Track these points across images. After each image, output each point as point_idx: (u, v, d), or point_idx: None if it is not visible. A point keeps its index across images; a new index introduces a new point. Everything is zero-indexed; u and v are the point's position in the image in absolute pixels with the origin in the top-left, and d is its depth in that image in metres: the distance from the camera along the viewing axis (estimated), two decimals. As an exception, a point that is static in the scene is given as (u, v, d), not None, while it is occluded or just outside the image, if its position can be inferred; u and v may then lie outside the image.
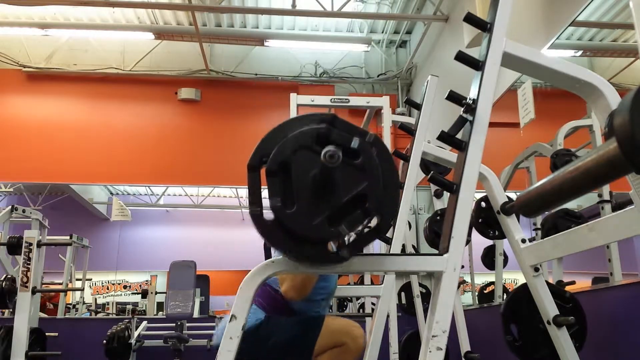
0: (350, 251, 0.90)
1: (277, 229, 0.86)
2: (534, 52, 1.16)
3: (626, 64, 3.17)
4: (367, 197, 0.88)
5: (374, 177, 0.89)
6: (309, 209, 0.86)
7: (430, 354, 0.91)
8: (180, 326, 4.41)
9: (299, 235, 0.86)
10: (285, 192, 0.87)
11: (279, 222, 0.86)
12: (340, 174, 0.87)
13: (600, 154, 0.93)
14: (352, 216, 0.87)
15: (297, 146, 0.88)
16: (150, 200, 9.87)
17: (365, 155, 0.89)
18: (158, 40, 5.56)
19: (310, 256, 0.89)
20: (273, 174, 0.87)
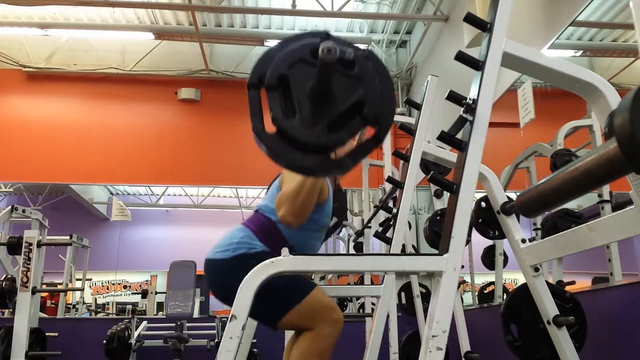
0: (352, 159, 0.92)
1: (279, 141, 0.88)
2: (534, 52, 1.16)
3: (626, 64, 3.17)
4: (364, 104, 0.90)
5: (370, 85, 0.91)
6: (309, 118, 0.89)
7: (430, 354, 0.91)
8: (180, 326, 4.41)
9: (301, 144, 0.88)
10: (286, 105, 0.89)
11: (281, 133, 0.88)
12: (337, 83, 0.90)
13: (600, 154, 0.93)
14: (351, 123, 0.90)
15: (294, 60, 0.90)
16: (150, 200, 9.87)
17: (361, 66, 0.92)
18: (158, 40, 5.56)
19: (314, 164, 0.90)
20: (272, 88, 0.89)
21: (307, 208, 1.58)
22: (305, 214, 1.58)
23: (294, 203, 1.56)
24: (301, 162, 0.89)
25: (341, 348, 1.71)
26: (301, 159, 0.89)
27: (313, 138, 0.88)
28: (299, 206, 1.56)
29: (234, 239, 1.66)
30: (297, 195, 1.55)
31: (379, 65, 0.93)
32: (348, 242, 6.99)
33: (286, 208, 1.58)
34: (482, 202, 1.99)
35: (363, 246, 3.48)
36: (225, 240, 1.67)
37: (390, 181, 2.23)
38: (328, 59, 0.82)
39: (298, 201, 1.55)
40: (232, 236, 1.67)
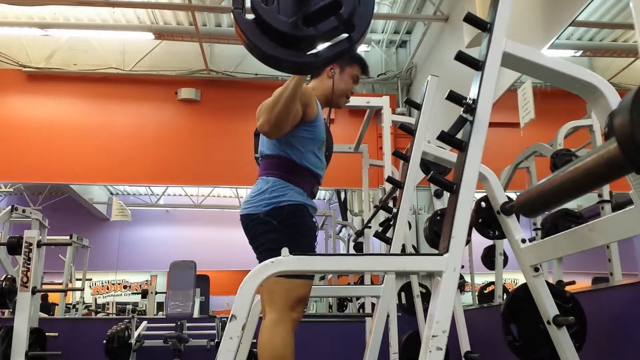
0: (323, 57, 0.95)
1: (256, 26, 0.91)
2: (534, 52, 1.16)
3: (626, 64, 3.17)
4: (341, 5, 0.93)
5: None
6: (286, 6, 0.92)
7: (430, 354, 0.91)
8: (180, 326, 4.41)
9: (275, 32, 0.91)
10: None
11: (258, 20, 0.91)
12: None
13: (600, 154, 0.93)
14: (326, 21, 0.93)
15: None
16: (150, 200, 9.87)
17: None
18: (158, 40, 5.56)
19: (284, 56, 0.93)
20: None
21: (283, 118, 1.61)
22: (282, 124, 1.62)
23: (270, 113, 1.61)
24: (272, 52, 0.92)
25: (341, 347, 1.71)
26: (273, 49, 0.91)
27: (287, 27, 0.91)
28: (276, 115, 1.60)
29: (265, 192, 1.73)
30: (274, 106, 1.60)
31: None
32: (348, 242, 6.98)
33: (263, 118, 1.63)
34: (482, 202, 1.99)
35: (363, 246, 3.48)
36: (256, 194, 1.75)
37: (390, 181, 2.23)
38: None
39: (275, 111, 1.59)
40: (262, 189, 1.74)
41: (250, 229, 1.76)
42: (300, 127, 1.74)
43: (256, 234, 1.73)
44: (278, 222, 1.67)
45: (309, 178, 1.78)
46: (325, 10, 0.93)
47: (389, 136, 2.96)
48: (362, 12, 0.95)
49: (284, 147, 1.76)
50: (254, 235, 1.75)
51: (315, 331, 3.99)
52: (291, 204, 1.70)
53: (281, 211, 1.68)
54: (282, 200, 1.70)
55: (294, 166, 1.76)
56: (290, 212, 1.69)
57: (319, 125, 1.80)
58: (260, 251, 1.72)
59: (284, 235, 1.66)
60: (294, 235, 1.67)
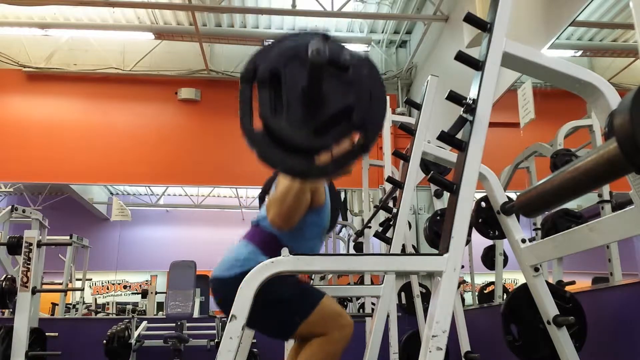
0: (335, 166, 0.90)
1: (265, 139, 0.88)
2: (534, 52, 1.16)
3: (626, 64, 3.17)
4: (353, 110, 0.88)
5: (361, 91, 0.89)
6: (297, 119, 0.87)
7: (430, 354, 0.91)
8: (180, 326, 4.41)
9: (286, 144, 0.87)
10: (275, 102, 0.88)
11: (267, 131, 0.87)
12: (329, 86, 0.87)
13: (600, 154, 0.93)
14: (338, 128, 0.88)
15: (289, 57, 0.89)
16: (150, 200, 9.87)
17: (355, 70, 0.90)
18: (158, 40, 5.56)
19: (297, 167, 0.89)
20: (264, 84, 0.88)
21: (294, 211, 1.57)
22: (293, 217, 1.58)
23: (281, 206, 1.56)
24: (284, 163, 0.88)
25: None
26: (285, 160, 0.88)
27: (298, 140, 0.86)
28: (286, 209, 1.55)
29: (240, 255, 1.65)
30: (284, 199, 1.55)
31: (373, 71, 0.91)
32: (348, 242, 6.98)
33: (274, 211, 1.58)
34: (482, 202, 1.99)
35: (363, 246, 3.48)
36: (231, 258, 1.66)
37: (390, 181, 2.23)
38: (317, 60, 0.80)
39: (285, 204, 1.55)
40: (238, 253, 1.66)
41: (221, 293, 1.66)
42: (307, 212, 1.66)
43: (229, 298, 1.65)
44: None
45: None
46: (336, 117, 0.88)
47: (389, 136, 2.96)
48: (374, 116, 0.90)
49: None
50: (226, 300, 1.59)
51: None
52: None
53: None
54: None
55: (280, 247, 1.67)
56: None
57: (324, 212, 1.75)
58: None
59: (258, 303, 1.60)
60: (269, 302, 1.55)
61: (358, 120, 0.88)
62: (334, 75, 0.87)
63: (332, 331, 1.58)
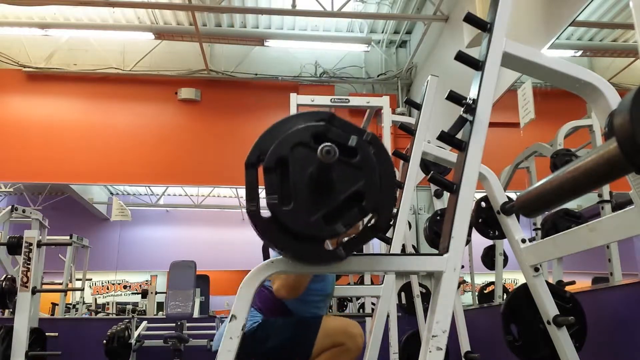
0: (347, 250, 0.89)
1: (273, 226, 0.86)
2: (534, 52, 1.16)
3: (626, 64, 3.17)
4: (364, 195, 0.87)
5: (371, 175, 0.88)
6: (305, 206, 0.86)
7: (430, 354, 0.91)
8: (180, 326, 4.41)
9: (295, 232, 0.85)
10: (282, 189, 0.86)
11: (275, 219, 0.85)
12: (337, 172, 0.86)
13: (600, 154, 0.93)
14: (348, 214, 0.87)
15: (295, 143, 0.87)
16: (150, 200, 9.87)
17: (363, 154, 0.89)
18: (158, 40, 5.56)
19: (307, 254, 0.88)
20: (270, 171, 0.87)
21: (301, 283, 1.56)
22: (299, 288, 1.57)
23: (286, 278, 1.54)
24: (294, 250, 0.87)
25: (341, 348, 1.72)
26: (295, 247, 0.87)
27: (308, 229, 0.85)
28: (292, 281, 1.54)
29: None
30: None
31: (380, 151, 0.90)
32: (348, 242, 6.95)
33: (279, 283, 1.57)
34: (482, 202, 1.99)
35: (363, 246, 3.47)
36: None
37: (390, 181, 2.22)
38: (327, 160, 0.79)
39: (291, 276, 1.54)
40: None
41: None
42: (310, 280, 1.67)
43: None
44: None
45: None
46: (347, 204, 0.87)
47: (389, 136, 2.96)
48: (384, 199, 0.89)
49: None
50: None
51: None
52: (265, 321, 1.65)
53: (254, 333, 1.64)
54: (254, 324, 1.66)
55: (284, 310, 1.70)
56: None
57: (329, 280, 1.77)
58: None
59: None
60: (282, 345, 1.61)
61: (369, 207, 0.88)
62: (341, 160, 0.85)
63: (344, 340, 1.59)
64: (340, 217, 0.87)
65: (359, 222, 0.89)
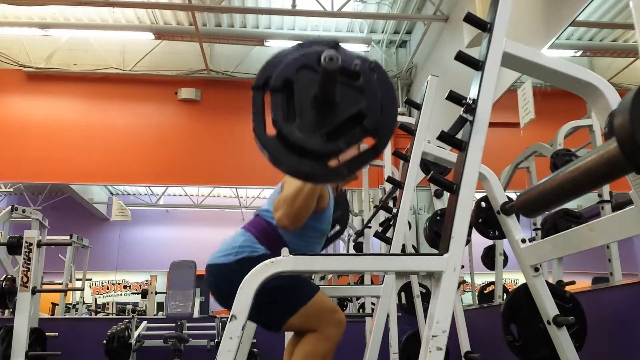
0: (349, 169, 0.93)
1: (278, 143, 0.90)
2: (534, 52, 1.16)
3: (626, 64, 3.17)
4: (365, 116, 0.91)
5: (373, 97, 0.92)
6: (309, 124, 0.90)
7: (430, 354, 0.91)
8: (180, 326, 4.41)
9: (299, 148, 0.89)
10: (288, 109, 0.90)
11: (280, 136, 0.89)
12: (341, 94, 0.91)
13: (600, 154, 0.93)
14: (350, 133, 0.91)
15: (300, 65, 0.91)
16: (150, 200, 9.87)
17: (366, 77, 0.92)
18: (158, 40, 5.56)
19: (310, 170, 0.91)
20: (276, 92, 0.90)
21: (303, 213, 1.58)
22: (301, 218, 1.59)
23: (290, 207, 1.57)
24: (298, 167, 0.90)
25: (341, 348, 1.71)
26: (298, 164, 0.90)
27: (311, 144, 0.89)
28: (295, 210, 1.56)
29: (236, 242, 1.67)
30: (294, 200, 1.56)
31: (383, 78, 0.94)
32: (348, 242, 6.98)
33: (282, 211, 1.59)
34: (482, 202, 1.99)
35: (363, 246, 3.48)
36: (227, 245, 1.69)
37: (390, 181, 2.23)
38: (330, 67, 0.83)
39: (295, 205, 1.56)
40: (234, 240, 1.68)
41: (217, 280, 1.67)
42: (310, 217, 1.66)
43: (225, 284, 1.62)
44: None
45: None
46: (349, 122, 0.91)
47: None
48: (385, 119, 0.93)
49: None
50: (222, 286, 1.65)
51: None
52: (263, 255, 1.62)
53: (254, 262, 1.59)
54: (255, 252, 1.63)
55: (278, 240, 1.68)
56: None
57: (325, 216, 1.76)
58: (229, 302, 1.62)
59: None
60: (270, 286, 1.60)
61: (370, 126, 0.91)
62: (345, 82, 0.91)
63: (327, 327, 1.58)
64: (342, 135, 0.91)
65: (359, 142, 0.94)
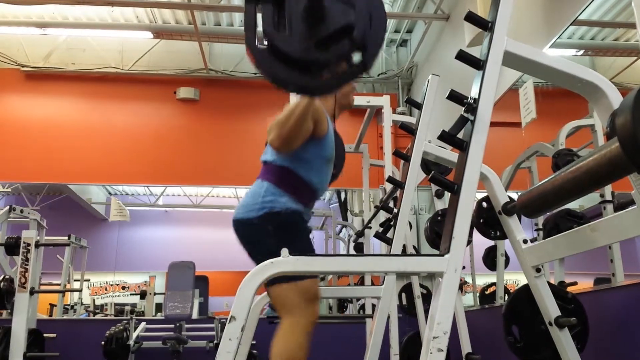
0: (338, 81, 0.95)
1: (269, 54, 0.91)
2: (536, 51, 1.15)
3: (628, 63, 3.17)
4: (354, 28, 0.93)
5: (361, 10, 0.94)
6: (299, 34, 0.92)
7: (431, 355, 0.90)
8: (179, 327, 4.40)
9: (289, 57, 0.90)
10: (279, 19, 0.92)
11: (270, 47, 0.91)
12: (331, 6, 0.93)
13: (602, 154, 0.92)
14: (339, 45, 0.93)
15: None
16: (148, 200, 9.85)
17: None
18: (157, 40, 5.55)
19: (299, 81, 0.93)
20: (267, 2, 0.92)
21: (294, 134, 1.61)
22: (292, 140, 1.62)
23: (282, 128, 1.60)
24: (286, 77, 0.92)
25: (342, 349, 1.70)
26: (287, 74, 0.91)
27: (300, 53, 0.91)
28: (287, 131, 1.59)
29: (258, 196, 1.70)
30: (286, 121, 1.59)
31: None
32: (348, 243, 6.97)
33: (275, 133, 1.62)
34: (484, 203, 1.98)
35: (363, 247, 3.47)
36: (249, 199, 1.71)
37: (390, 181, 2.22)
38: None
39: (286, 126, 1.59)
40: (255, 194, 1.71)
41: (243, 234, 1.73)
42: (309, 142, 1.71)
43: (250, 239, 1.70)
44: (273, 227, 1.65)
45: (307, 192, 1.75)
46: (337, 34, 0.93)
47: (390, 136, 2.95)
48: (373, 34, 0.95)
49: (288, 159, 1.72)
50: (248, 241, 1.72)
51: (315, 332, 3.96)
52: (285, 209, 1.67)
53: (276, 216, 1.65)
54: (276, 206, 1.67)
55: (294, 178, 1.72)
56: (285, 217, 1.66)
57: (328, 142, 1.78)
58: (256, 256, 1.68)
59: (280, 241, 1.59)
60: (291, 240, 1.63)
61: (358, 38, 0.93)
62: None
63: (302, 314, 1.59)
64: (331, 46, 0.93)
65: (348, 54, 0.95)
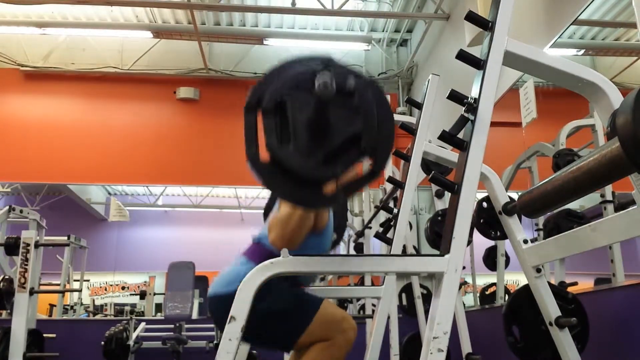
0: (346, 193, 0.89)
1: (273, 169, 0.85)
2: (536, 50, 1.15)
3: (629, 63, 3.16)
4: (361, 137, 0.87)
5: (368, 117, 0.88)
6: (304, 148, 0.86)
7: (431, 356, 0.90)
8: (178, 327, 4.40)
9: (294, 174, 0.85)
10: (282, 132, 0.86)
11: (275, 162, 0.85)
12: (336, 114, 0.86)
13: (602, 154, 0.92)
14: (347, 156, 0.87)
15: (294, 86, 0.87)
16: (148, 200, 9.85)
17: (361, 96, 0.88)
18: (156, 39, 5.54)
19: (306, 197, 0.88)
20: (269, 114, 0.87)
21: (297, 235, 1.51)
22: (296, 240, 1.52)
23: (284, 229, 1.50)
24: (293, 194, 0.87)
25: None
26: (294, 191, 0.86)
27: (307, 170, 0.85)
28: (289, 233, 1.50)
29: (240, 272, 1.60)
30: (288, 221, 1.49)
31: (378, 94, 0.90)
32: (348, 243, 6.97)
33: (276, 233, 1.52)
34: (484, 203, 1.97)
35: (363, 247, 3.47)
36: (231, 275, 1.62)
37: (390, 181, 2.22)
38: (324, 94, 0.79)
39: (289, 227, 1.49)
40: (238, 270, 1.61)
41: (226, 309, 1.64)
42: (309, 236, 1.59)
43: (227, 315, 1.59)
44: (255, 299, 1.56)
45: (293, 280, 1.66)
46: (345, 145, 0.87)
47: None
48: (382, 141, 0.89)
49: None
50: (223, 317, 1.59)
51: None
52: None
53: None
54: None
55: None
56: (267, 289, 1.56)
57: (326, 236, 1.71)
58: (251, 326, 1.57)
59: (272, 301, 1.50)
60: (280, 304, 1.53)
61: (367, 147, 0.87)
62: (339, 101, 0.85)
63: (335, 335, 1.54)
64: (339, 158, 0.86)
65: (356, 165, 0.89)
